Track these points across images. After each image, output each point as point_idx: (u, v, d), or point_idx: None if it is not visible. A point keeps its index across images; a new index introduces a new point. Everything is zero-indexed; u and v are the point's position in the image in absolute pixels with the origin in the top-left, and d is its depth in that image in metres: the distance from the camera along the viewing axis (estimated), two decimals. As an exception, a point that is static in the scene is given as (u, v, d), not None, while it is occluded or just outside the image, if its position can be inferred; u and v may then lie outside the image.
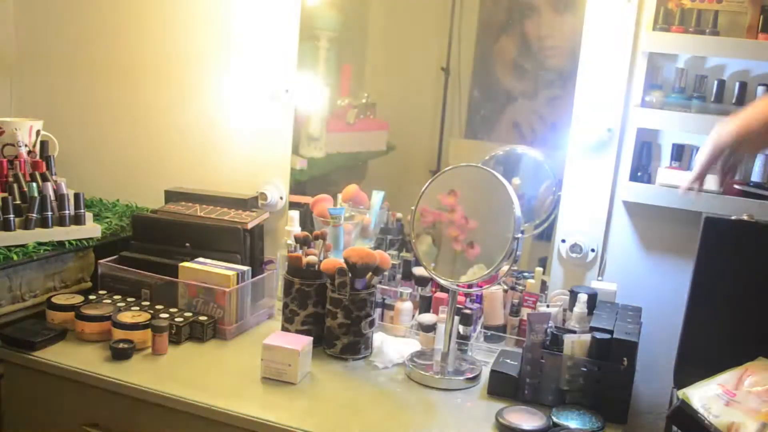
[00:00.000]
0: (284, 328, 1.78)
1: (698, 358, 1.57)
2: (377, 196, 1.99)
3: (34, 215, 1.80)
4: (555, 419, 1.47)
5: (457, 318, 1.72)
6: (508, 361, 1.64)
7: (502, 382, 1.59)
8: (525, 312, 1.81)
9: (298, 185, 2.20)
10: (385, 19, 2.22)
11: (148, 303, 1.83)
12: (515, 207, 1.55)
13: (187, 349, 1.72)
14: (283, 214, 2.16)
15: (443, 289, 1.77)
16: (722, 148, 1.29)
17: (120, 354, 1.62)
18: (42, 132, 2.06)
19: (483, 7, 2.05)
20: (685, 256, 1.79)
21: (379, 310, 1.88)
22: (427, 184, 1.67)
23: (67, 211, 1.86)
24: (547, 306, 1.78)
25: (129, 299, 1.84)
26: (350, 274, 1.70)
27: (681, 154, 1.80)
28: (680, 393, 1.42)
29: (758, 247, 1.58)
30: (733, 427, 1.30)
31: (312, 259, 1.77)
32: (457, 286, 1.65)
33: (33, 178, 1.88)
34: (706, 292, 1.60)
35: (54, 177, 1.96)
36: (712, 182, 1.72)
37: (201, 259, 1.87)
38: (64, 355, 1.62)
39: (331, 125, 2.20)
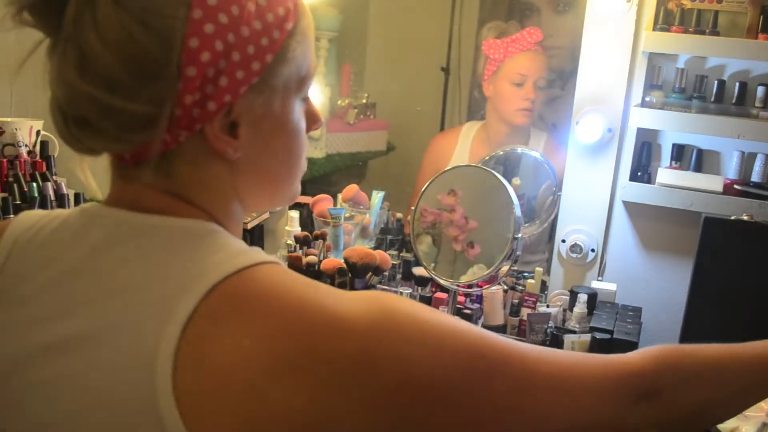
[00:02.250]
0: (284, 328, 1.78)
1: (698, 358, 1.57)
2: (377, 196, 1.99)
3: (34, 215, 1.80)
4: (555, 419, 1.47)
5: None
6: (508, 361, 1.64)
7: (502, 382, 1.59)
8: (525, 312, 1.81)
9: (298, 185, 2.19)
10: (385, 19, 2.22)
11: (148, 303, 1.83)
12: (515, 207, 1.55)
13: (187, 349, 1.71)
14: (283, 214, 2.16)
15: (443, 289, 1.77)
16: None
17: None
18: (42, 132, 2.06)
19: (483, 7, 2.05)
20: (685, 256, 1.79)
21: (379, 310, 1.88)
22: (427, 184, 1.67)
23: (67, 211, 1.86)
24: (547, 306, 1.79)
25: (129, 299, 1.83)
26: (350, 274, 1.70)
27: (681, 154, 1.80)
28: None
29: (758, 247, 1.58)
30: (736, 429, 1.31)
31: (312, 259, 1.77)
32: (457, 286, 1.65)
33: (33, 178, 1.88)
34: (706, 292, 1.60)
35: (54, 177, 1.96)
36: (712, 182, 1.73)
37: (201, 259, 1.87)
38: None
39: (332, 125, 2.21)
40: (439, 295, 1.86)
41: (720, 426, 1.32)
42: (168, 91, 0.58)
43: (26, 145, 1.99)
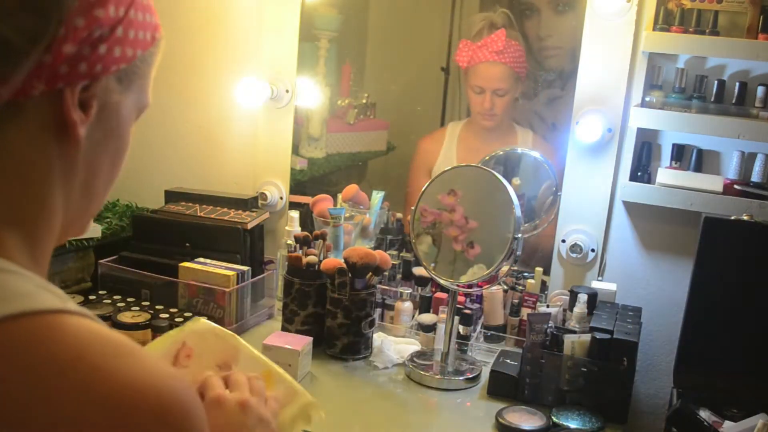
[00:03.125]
0: (284, 328, 1.78)
1: (698, 358, 1.57)
2: (377, 196, 1.99)
3: (34, 215, 1.80)
4: (555, 419, 1.47)
5: (457, 318, 1.72)
6: (508, 361, 1.64)
7: (502, 382, 1.59)
8: (525, 312, 1.81)
9: (298, 185, 2.20)
10: (385, 19, 2.22)
11: (148, 303, 1.83)
12: (515, 207, 1.55)
13: (187, 349, 1.72)
14: (283, 214, 2.16)
15: (443, 289, 1.77)
16: None
17: (120, 354, 1.61)
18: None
19: (483, 7, 2.05)
20: (685, 256, 1.79)
21: (379, 310, 1.88)
22: (427, 184, 1.67)
23: (67, 211, 1.86)
24: (547, 306, 1.78)
25: (129, 299, 1.84)
26: (350, 274, 1.70)
27: (681, 154, 1.80)
28: None
29: (758, 247, 1.58)
30: None
31: (312, 259, 1.77)
32: (457, 286, 1.65)
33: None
34: (706, 292, 1.60)
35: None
36: (712, 182, 1.73)
37: (201, 259, 1.87)
38: (64, 355, 1.62)
39: (332, 125, 2.21)
40: (439, 295, 1.86)
41: None
42: (47, 30, 0.53)
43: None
